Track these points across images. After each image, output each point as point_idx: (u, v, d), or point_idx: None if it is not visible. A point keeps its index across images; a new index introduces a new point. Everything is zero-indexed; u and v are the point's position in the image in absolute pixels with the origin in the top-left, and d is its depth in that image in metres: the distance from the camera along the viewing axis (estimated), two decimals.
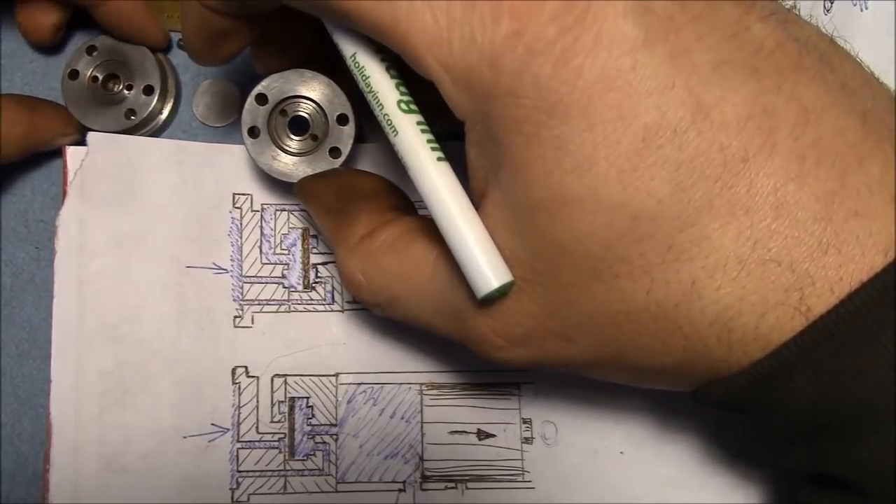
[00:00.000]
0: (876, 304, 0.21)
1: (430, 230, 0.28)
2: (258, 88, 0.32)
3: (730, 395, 0.24)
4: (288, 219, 0.35)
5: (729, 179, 0.21)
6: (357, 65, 0.25)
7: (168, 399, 0.34)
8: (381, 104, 0.25)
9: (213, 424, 0.34)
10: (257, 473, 0.34)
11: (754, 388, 0.23)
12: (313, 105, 0.33)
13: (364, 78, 0.25)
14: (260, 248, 0.35)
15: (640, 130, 0.21)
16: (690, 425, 0.34)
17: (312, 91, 0.32)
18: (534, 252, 0.23)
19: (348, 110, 0.32)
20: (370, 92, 0.25)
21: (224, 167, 0.35)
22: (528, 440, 0.35)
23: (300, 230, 0.35)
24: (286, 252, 0.35)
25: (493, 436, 0.35)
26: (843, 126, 0.22)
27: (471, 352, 0.35)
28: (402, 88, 0.25)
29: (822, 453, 0.24)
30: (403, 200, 0.31)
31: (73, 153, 0.35)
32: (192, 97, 0.37)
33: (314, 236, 0.35)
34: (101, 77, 0.36)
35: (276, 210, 0.35)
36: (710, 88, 0.21)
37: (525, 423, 0.35)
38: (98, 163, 0.35)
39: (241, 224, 0.35)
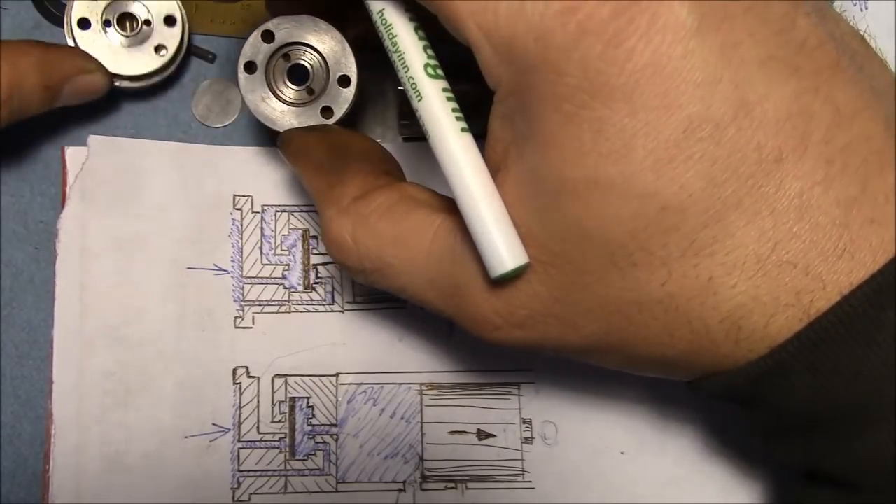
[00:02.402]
0: (872, 304, 0.21)
1: (432, 200, 0.27)
2: (267, 24, 0.31)
3: (726, 390, 0.24)
4: (288, 220, 0.35)
5: (760, 178, 0.21)
6: (384, 22, 0.24)
7: (169, 399, 0.34)
8: (406, 66, 0.24)
9: (214, 424, 0.34)
10: (258, 473, 0.34)
11: (751, 385, 0.23)
12: (318, 58, 0.32)
13: (391, 37, 0.24)
14: (260, 249, 0.35)
15: (682, 121, 0.21)
16: (692, 425, 0.34)
17: (322, 43, 0.31)
18: (553, 233, 0.23)
19: (353, 73, 0.31)
20: (396, 52, 0.24)
21: (224, 169, 0.35)
22: (528, 440, 0.35)
23: (300, 231, 0.35)
24: (286, 253, 0.35)
25: (493, 436, 0.35)
26: (870, 132, 0.22)
27: (468, 350, 0.35)
28: (430, 51, 0.25)
29: (817, 449, 0.24)
30: (396, 167, 0.30)
31: (72, 155, 0.35)
32: (192, 97, 0.37)
33: (314, 237, 0.35)
34: (113, 20, 0.35)
35: (277, 211, 0.35)
36: (754, 85, 0.21)
37: (525, 423, 0.35)
38: (98, 165, 0.35)
39: (241, 225, 0.35)
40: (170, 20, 0.35)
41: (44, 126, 0.36)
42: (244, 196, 0.35)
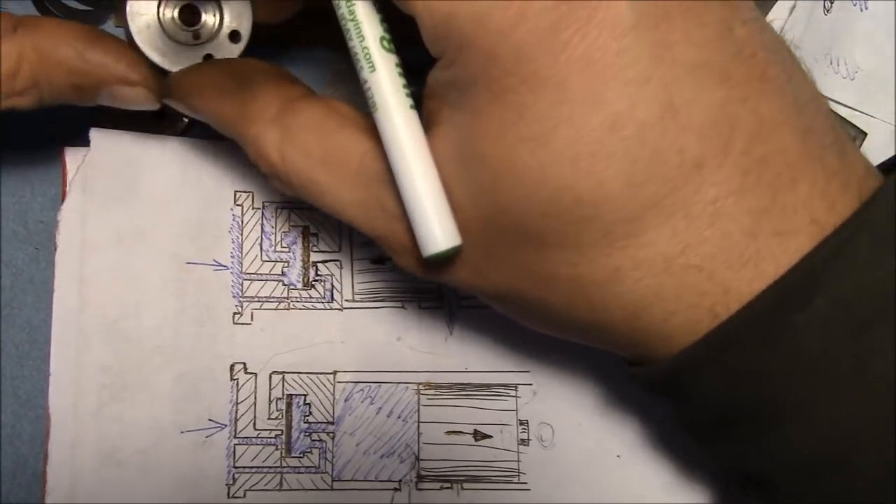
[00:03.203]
0: (776, 309, 0.22)
1: (359, 118, 0.27)
2: None
3: (649, 384, 0.25)
4: (289, 217, 0.36)
5: (679, 182, 0.22)
6: None
7: (166, 394, 0.34)
8: (361, 36, 0.24)
9: (210, 420, 0.34)
10: (254, 470, 0.34)
11: (669, 380, 0.24)
12: (216, 6, 0.31)
13: (349, 5, 0.24)
14: (260, 245, 0.35)
15: (607, 118, 0.21)
16: None
17: None
18: (469, 197, 0.24)
19: (245, 31, 0.31)
20: (352, 21, 0.24)
21: (225, 164, 0.35)
22: (524, 442, 0.35)
23: (301, 228, 0.36)
24: (286, 250, 0.36)
25: (490, 437, 0.35)
26: (786, 145, 0.22)
27: (466, 351, 0.35)
28: (386, 25, 0.25)
29: (736, 448, 0.25)
30: (306, 86, 0.29)
31: (72, 155, 0.35)
32: None
33: (314, 234, 0.36)
34: (175, 12, 0.32)
35: (277, 208, 0.36)
36: (683, 89, 0.22)
37: (522, 424, 0.35)
38: (100, 159, 0.35)
39: (241, 221, 0.35)
40: (235, 36, 0.34)
41: (44, 126, 0.36)
42: (245, 192, 0.36)
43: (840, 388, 0.22)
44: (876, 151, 0.33)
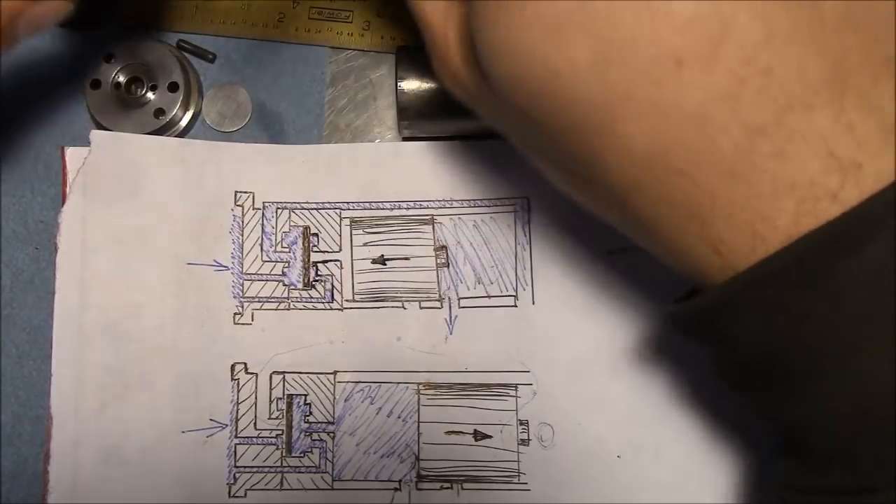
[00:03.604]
0: (825, 250, 0.20)
1: None
2: None
3: (687, 323, 0.24)
4: (289, 217, 0.36)
5: (656, 76, 0.20)
6: None
7: (168, 394, 0.35)
8: None
9: (211, 420, 0.35)
10: (254, 469, 0.34)
11: (709, 316, 0.23)
12: None
13: None
14: (261, 245, 0.36)
15: None
16: (688, 429, 0.34)
17: None
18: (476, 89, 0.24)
19: None
20: None
21: (226, 165, 0.36)
22: (524, 442, 0.35)
23: (301, 228, 0.36)
24: (287, 250, 0.36)
25: (490, 437, 0.35)
26: (807, 66, 0.20)
27: (466, 351, 0.35)
28: None
29: (773, 398, 0.23)
30: None
31: (72, 155, 0.35)
32: (202, 106, 0.37)
33: (314, 234, 0.36)
34: (123, 82, 0.36)
35: (278, 208, 0.36)
36: None
37: (522, 424, 0.35)
38: (101, 160, 0.35)
39: (242, 222, 0.36)
40: (173, 87, 0.36)
41: (44, 126, 0.37)
42: (245, 193, 0.36)
43: (884, 343, 0.20)
44: None
